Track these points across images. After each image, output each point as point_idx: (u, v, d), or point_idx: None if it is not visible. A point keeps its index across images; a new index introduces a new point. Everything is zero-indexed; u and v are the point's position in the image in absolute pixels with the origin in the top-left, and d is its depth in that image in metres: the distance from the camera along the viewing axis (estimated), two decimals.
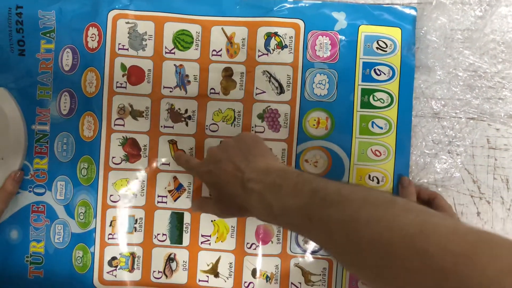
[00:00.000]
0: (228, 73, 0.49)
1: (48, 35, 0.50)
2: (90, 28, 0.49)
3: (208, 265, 0.50)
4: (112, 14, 0.49)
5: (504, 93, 0.49)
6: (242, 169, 0.38)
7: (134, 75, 0.49)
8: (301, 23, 0.49)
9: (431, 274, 0.23)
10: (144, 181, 0.50)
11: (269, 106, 0.49)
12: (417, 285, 0.24)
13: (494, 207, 0.50)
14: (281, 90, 0.49)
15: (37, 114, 0.51)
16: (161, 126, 0.50)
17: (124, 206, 0.50)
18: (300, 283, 0.50)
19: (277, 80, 0.49)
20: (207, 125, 0.50)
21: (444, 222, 0.26)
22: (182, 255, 0.50)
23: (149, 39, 0.49)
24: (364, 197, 0.30)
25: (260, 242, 0.50)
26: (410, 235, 0.25)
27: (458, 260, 0.23)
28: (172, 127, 0.50)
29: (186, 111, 0.50)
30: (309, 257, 0.50)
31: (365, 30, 0.49)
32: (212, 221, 0.50)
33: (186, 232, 0.50)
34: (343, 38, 0.49)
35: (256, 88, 0.49)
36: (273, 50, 0.49)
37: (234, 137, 0.43)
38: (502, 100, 0.50)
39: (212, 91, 0.50)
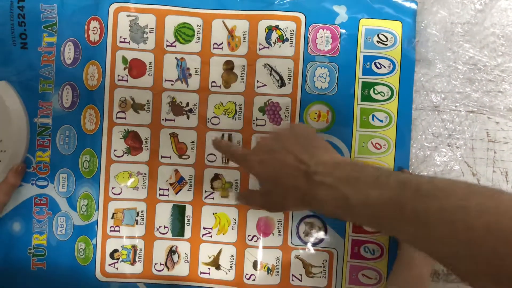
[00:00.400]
0: (229, 66, 0.50)
1: (50, 28, 0.51)
2: (92, 21, 0.50)
3: (209, 258, 0.51)
4: (113, 7, 0.49)
5: (503, 86, 0.50)
6: (305, 161, 0.35)
7: (136, 68, 0.50)
8: (302, 17, 0.49)
9: None
10: (145, 174, 0.50)
11: (270, 99, 0.50)
12: None
13: None
14: (282, 83, 0.50)
15: (39, 107, 0.51)
16: (163, 119, 0.50)
17: (126, 198, 0.50)
18: (301, 275, 0.50)
19: (278, 73, 0.49)
20: (208, 118, 0.50)
21: None
22: (183, 247, 0.51)
23: (150, 32, 0.49)
24: (467, 187, 0.28)
25: (261, 234, 0.50)
26: None
27: None
28: (174, 120, 0.50)
29: (188, 104, 0.50)
30: (310, 249, 0.50)
31: (366, 23, 0.49)
32: (213, 213, 0.51)
33: (188, 224, 0.51)
34: (344, 31, 0.49)
35: (257, 81, 0.50)
36: (274, 43, 0.49)
37: (288, 128, 0.39)
38: (501, 93, 0.50)
39: (213, 84, 0.50)
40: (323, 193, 0.33)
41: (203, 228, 0.51)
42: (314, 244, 0.50)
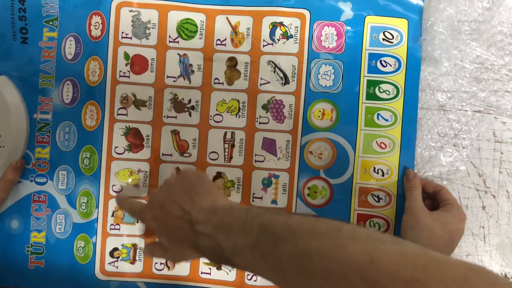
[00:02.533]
0: (232, 63, 0.49)
1: (51, 23, 0.50)
2: (94, 16, 0.49)
3: None
4: (115, 2, 0.48)
5: (511, 86, 0.49)
6: (188, 210, 0.36)
7: (138, 64, 0.49)
8: (306, 13, 0.48)
9: None
10: (146, 171, 0.50)
11: (274, 97, 0.49)
12: None
13: (500, 201, 0.49)
14: (286, 81, 0.49)
15: (39, 103, 0.50)
16: (164, 116, 0.49)
17: (127, 196, 0.50)
18: None
19: (282, 71, 0.49)
20: (211, 116, 0.49)
21: (392, 247, 0.26)
22: None
23: (153, 28, 0.49)
24: (313, 227, 0.30)
25: None
26: (359, 265, 0.25)
27: (409, 286, 0.23)
28: (175, 117, 0.49)
29: (190, 101, 0.49)
30: None
31: (372, 20, 0.48)
32: None
33: None
34: (349, 28, 0.48)
35: (261, 78, 0.49)
36: (278, 40, 0.48)
37: (177, 176, 0.41)
38: (509, 93, 0.49)
39: (216, 81, 0.49)
40: (203, 243, 0.34)
41: None
42: None
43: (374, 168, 0.49)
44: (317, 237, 0.28)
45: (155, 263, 0.50)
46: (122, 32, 0.49)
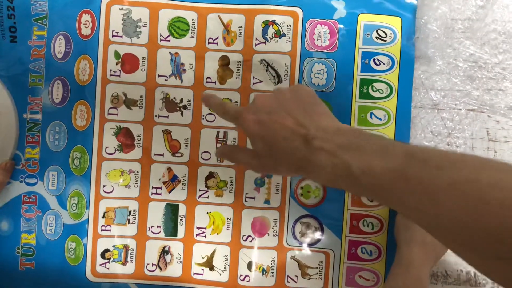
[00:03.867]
0: (224, 61, 0.48)
1: (40, 21, 0.49)
2: (84, 14, 0.48)
3: (203, 258, 0.49)
4: (106, 0, 0.48)
5: (504, 84, 0.49)
6: (306, 125, 0.33)
7: (128, 63, 0.48)
8: (299, 11, 0.48)
9: None
10: (138, 172, 0.49)
11: None
12: None
13: None
14: (279, 80, 0.48)
15: (29, 103, 0.50)
16: (156, 116, 0.49)
17: (118, 197, 0.49)
18: (296, 276, 0.49)
19: (274, 69, 0.48)
20: (203, 115, 0.49)
21: None
22: (176, 247, 0.49)
23: (144, 26, 0.48)
24: (479, 160, 0.27)
25: (256, 234, 0.49)
26: None
27: None
28: (167, 116, 0.49)
29: (182, 100, 0.49)
30: (306, 250, 0.49)
31: (365, 19, 0.48)
32: (207, 213, 0.49)
33: (181, 224, 0.49)
34: (342, 27, 0.48)
35: (253, 77, 0.48)
36: (271, 38, 0.48)
37: (289, 88, 0.37)
38: (502, 91, 0.49)
39: (208, 80, 0.49)
40: (322, 159, 0.31)
41: (197, 227, 0.49)
42: (310, 245, 0.49)
43: None
44: (488, 169, 0.26)
45: (147, 264, 0.49)
46: (113, 31, 0.48)
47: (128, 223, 0.49)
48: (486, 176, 0.25)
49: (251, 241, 0.49)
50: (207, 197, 0.49)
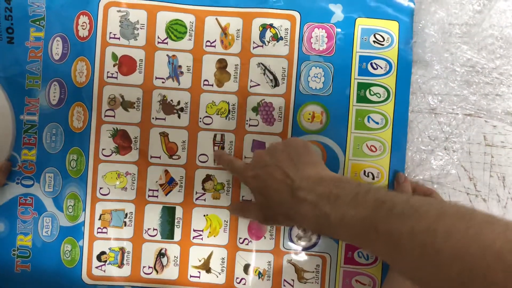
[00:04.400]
0: (222, 64, 0.48)
1: (37, 23, 0.49)
2: (81, 16, 0.48)
3: (199, 261, 0.49)
4: (103, 2, 0.48)
5: (501, 89, 0.49)
6: (291, 176, 0.36)
7: (126, 65, 0.48)
8: (297, 15, 0.48)
9: None
10: (134, 174, 0.49)
11: (264, 99, 0.48)
12: None
13: (490, 205, 0.49)
14: (276, 83, 0.48)
15: (25, 104, 0.50)
16: (153, 118, 0.49)
17: (114, 199, 0.49)
18: (293, 280, 0.49)
19: (271, 73, 0.48)
20: (200, 118, 0.49)
21: None
22: (173, 250, 0.49)
23: (141, 28, 0.48)
24: (440, 208, 0.28)
25: (253, 238, 0.49)
26: (499, 250, 0.24)
27: None
28: (164, 119, 0.49)
29: (179, 103, 0.49)
30: (302, 254, 0.49)
31: (362, 23, 0.48)
32: (204, 215, 0.49)
33: (178, 226, 0.49)
34: (340, 30, 0.48)
35: (251, 80, 0.48)
36: (268, 42, 0.48)
37: (283, 141, 0.41)
38: (499, 96, 0.49)
39: (206, 82, 0.49)
40: (305, 209, 0.34)
41: (194, 230, 0.49)
42: (307, 249, 0.49)
43: (365, 171, 0.48)
44: (444, 218, 0.27)
45: (143, 267, 0.49)
46: (110, 33, 0.48)
47: (125, 226, 0.49)
48: (443, 225, 0.26)
49: (247, 244, 0.49)
50: (204, 200, 0.49)
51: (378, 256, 0.32)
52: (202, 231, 0.49)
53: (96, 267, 0.49)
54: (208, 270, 0.49)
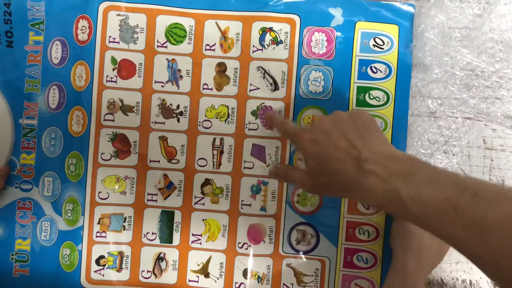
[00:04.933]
0: (221, 68, 0.48)
1: (37, 26, 0.49)
2: (80, 20, 0.48)
3: (198, 265, 0.49)
4: (103, 6, 0.48)
5: (501, 93, 0.49)
6: (359, 148, 0.34)
7: (125, 69, 0.48)
8: (297, 19, 0.48)
9: None
10: (133, 178, 0.49)
11: (263, 103, 0.48)
12: None
13: None
14: (276, 87, 0.48)
15: (24, 108, 0.50)
16: (152, 122, 0.49)
17: (113, 203, 0.49)
18: (292, 284, 0.49)
19: (271, 77, 0.48)
20: (199, 122, 0.49)
21: None
22: (172, 254, 0.49)
23: (141, 32, 0.48)
24: None
25: (252, 242, 0.49)
26: None
27: None
28: (163, 123, 0.49)
29: (178, 106, 0.49)
30: (301, 258, 0.49)
31: (362, 26, 0.48)
32: (203, 220, 0.49)
33: (177, 231, 0.49)
34: (340, 34, 0.48)
35: (250, 84, 0.48)
36: (268, 45, 0.48)
37: (347, 112, 0.39)
38: (499, 99, 0.49)
39: (205, 86, 0.49)
40: (372, 182, 0.33)
41: (192, 234, 0.49)
42: (306, 252, 0.49)
43: None
44: None
45: (142, 271, 0.49)
46: (110, 36, 0.48)
47: (124, 230, 0.49)
48: None
49: (246, 249, 0.49)
50: (203, 204, 0.49)
51: (451, 241, 0.30)
52: (201, 235, 0.49)
53: (95, 271, 0.49)
54: (207, 275, 0.49)
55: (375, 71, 0.48)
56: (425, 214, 0.30)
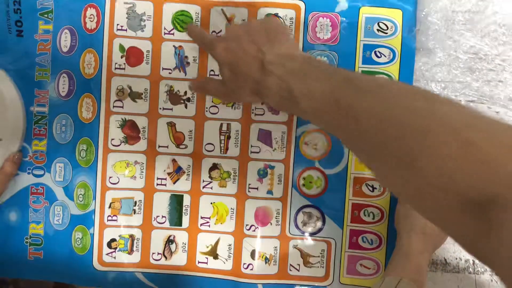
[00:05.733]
0: None
1: (46, 15, 0.50)
2: (89, 8, 0.49)
3: (207, 247, 0.50)
4: None
5: (504, 76, 0.49)
6: (263, 50, 0.36)
7: (133, 56, 0.49)
8: (301, 4, 0.48)
9: (474, 164, 0.23)
10: (143, 163, 0.50)
11: None
12: (460, 173, 0.23)
13: None
14: None
15: (35, 96, 0.51)
16: (160, 108, 0.50)
17: (123, 188, 0.50)
18: (299, 264, 0.50)
19: None
20: (206, 108, 0.50)
21: (489, 119, 0.25)
22: (181, 237, 0.50)
23: (148, 20, 0.49)
24: (405, 87, 0.29)
25: (259, 224, 0.50)
26: (456, 126, 0.24)
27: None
28: (171, 109, 0.50)
29: (185, 93, 0.50)
30: (308, 239, 0.50)
31: (366, 11, 0.48)
32: (211, 203, 0.50)
33: (186, 214, 0.50)
34: (344, 19, 0.48)
35: None
36: None
37: (260, 19, 0.40)
38: (502, 82, 0.49)
39: (212, 73, 0.49)
40: (270, 82, 0.35)
41: (201, 217, 0.50)
42: (312, 234, 0.50)
43: None
44: (409, 96, 0.28)
45: (152, 253, 0.51)
46: (117, 24, 0.49)
47: (134, 213, 0.50)
48: (404, 102, 0.27)
49: (254, 231, 0.50)
50: (211, 188, 0.50)
51: (338, 134, 0.32)
52: (209, 218, 0.50)
53: (107, 254, 0.50)
54: (216, 257, 0.51)
55: (379, 55, 0.49)
56: (313, 108, 0.32)
